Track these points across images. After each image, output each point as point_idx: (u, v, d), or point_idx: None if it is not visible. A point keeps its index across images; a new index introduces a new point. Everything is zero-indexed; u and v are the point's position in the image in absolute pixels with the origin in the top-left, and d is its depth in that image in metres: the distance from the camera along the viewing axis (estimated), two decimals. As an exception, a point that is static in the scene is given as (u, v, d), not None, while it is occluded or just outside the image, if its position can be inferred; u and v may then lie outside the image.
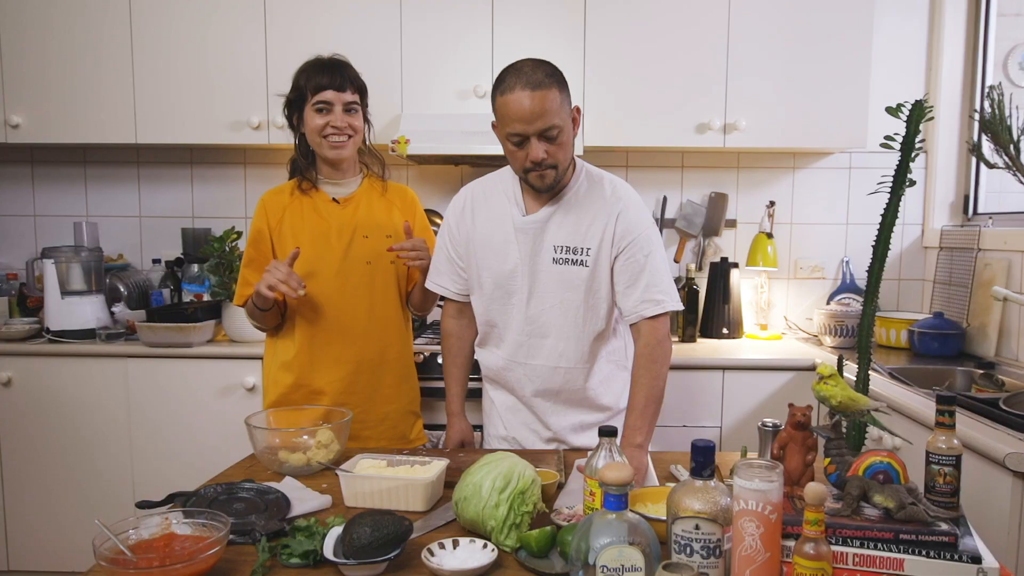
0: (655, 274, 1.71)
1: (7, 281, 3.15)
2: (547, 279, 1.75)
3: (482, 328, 1.88)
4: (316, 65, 1.92)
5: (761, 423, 1.55)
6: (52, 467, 2.73)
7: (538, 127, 1.60)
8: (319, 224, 1.95)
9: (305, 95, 1.89)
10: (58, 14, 2.85)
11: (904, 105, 1.38)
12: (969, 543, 1.05)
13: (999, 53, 3.00)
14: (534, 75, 1.59)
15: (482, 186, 1.89)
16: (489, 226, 1.81)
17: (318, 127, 1.89)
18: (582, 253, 1.73)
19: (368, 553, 1.12)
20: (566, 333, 1.76)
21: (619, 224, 1.71)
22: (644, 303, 1.69)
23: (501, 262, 1.78)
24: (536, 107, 1.58)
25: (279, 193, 2.00)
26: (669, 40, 2.80)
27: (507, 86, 1.61)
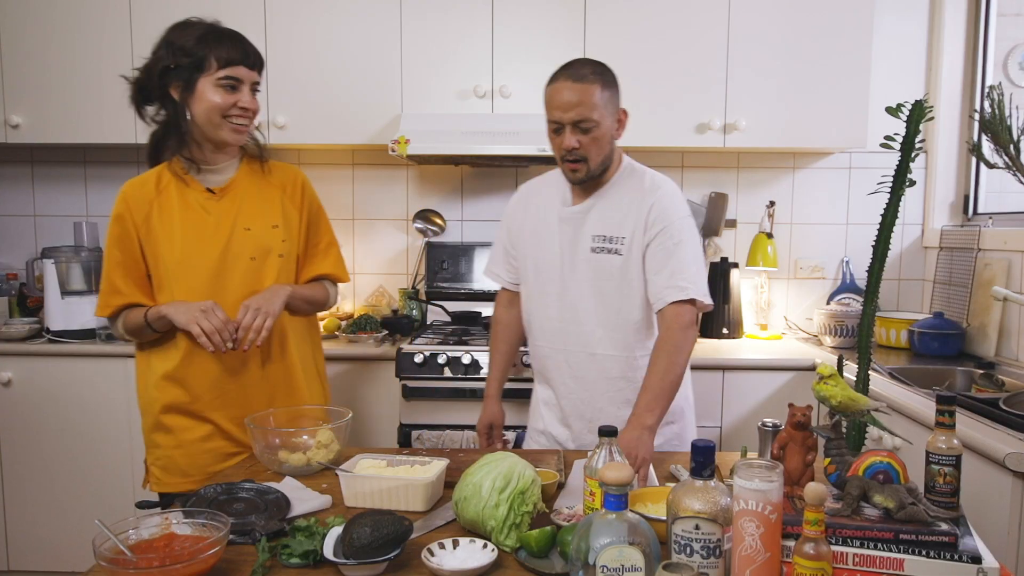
0: (682, 261, 1.73)
1: (7, 281, 3.15)
2: (585, 268, 1.81)
3: (526, 316, 1.95)
4: (220, 33, 1.66)
5: (761, 423, 1.55)
6: (52, 467, 2.73)
7: (572, 116, 1.68)
8: (193, 219, 1.71)
9: (203, 65, 1.63)
10: (58, 14, 2.85)
11: (904, 105, 1.38)
12: (969, 543, 1.05)
13: (999, 53, 3.00)
14: (580, 69, 1.71)
15: (538, 182, 1.99)
16: (537, 218, 1.90)
17: (222, 106, 1.65)
18: (617, 242, 1.78)
19: (368, 553, 1.12)
20: (602, 321, 1.81)
21: (652, 212, 1.76)
22: (669, 288, 1.72)
23: (544, 251, 1.86)
24: (573, 97, 1.67)
25: (142, 184, 1.73)
26: (669, 40, 2.80)
27: (555, 77, 1.73)
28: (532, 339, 1.95)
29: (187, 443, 1.74)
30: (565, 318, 1.84)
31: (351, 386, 2.67)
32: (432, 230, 3.19)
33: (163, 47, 1.66)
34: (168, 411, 1.73)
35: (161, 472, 1.77)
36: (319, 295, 1.86)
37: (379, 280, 3.27)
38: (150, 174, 1.74)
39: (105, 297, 1.72)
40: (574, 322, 1.83)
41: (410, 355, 2.57)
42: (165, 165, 1.74)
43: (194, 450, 1.74)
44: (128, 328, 1.72)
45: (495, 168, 3.19)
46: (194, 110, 1.65)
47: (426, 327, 3.05)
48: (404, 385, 2.57)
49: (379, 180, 3.24)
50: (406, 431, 2.56)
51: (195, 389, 1.72)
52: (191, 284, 1.69)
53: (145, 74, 1.68)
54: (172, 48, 1.63)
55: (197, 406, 1.73)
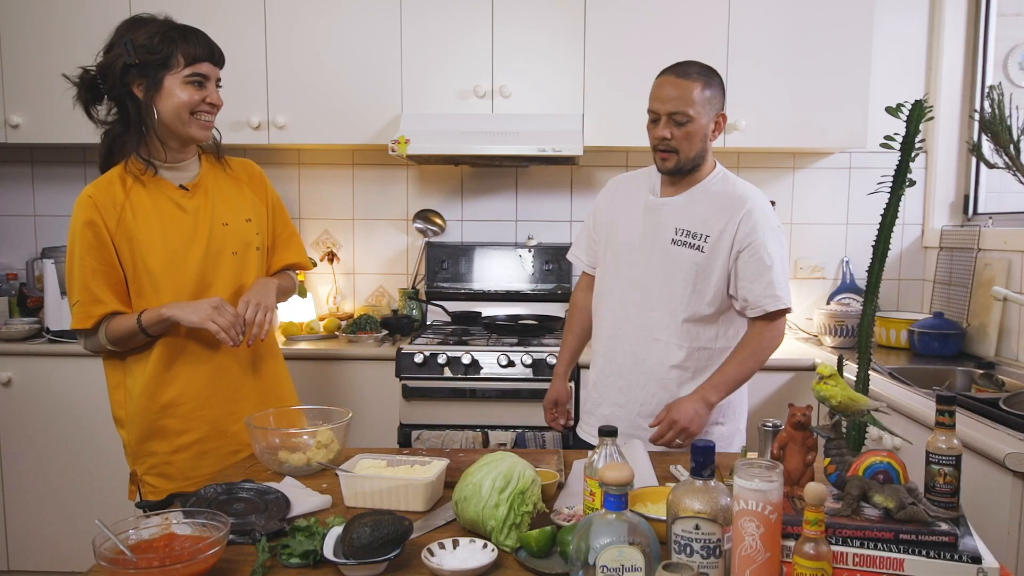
0: (779, 274, 1.82)
1: (7, 281, 3.15)
2: (663, 257, 1.86)
3: (596, 297, 2.01)
4: (183, 30, 1.63)
5: (761, 423, 1.55)
6: (52, 467, 2.73)
7: (668, 108, 1.78)
8: (172, 218, 1.67)
9: (169, 63, 1.59)
10: (58, 14, 2.85)
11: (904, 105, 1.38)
12: (969, 543, 1.05)
13: (999, 53, 3.00)
14: (686, 67, 1.81)
15: (629, 175, 2.07)
16: (623, 206, 1.97)
17: (189, 103, 1.62)
18: (700, 239, 1.83)
19: (368, 553, 1.12)
20: (670, 310, 1.86)
21: (744, 223, 1.81)
22: (767, 298, 1.80)
23: (624, 236, 1.93)
24: (673, 92, 1.78)
25: (108, 185, 1.67)
26: (669, 40, 2.80)
27: (662, 72, 1.84)
28: (598, 320, 2.00)
29: (185, 446, 1.71)
30: (636, 302, 1.89)
31: (351, 386, 2.67)
32: (432, 230, 3.19)
33: (121, 45, 1.60)
34: (163, 415, 1.69)
35: (158, 479, 1.73)
36: (289, 285, 1.90)
37: (379, 280, 3.27)
38: (111, 176, 1.68)
39: (85, 307, 1.63)
40: (644, 307, 1.88)
41: (410, 355, 2.57)
42: (122, 167, 1.68)
43: (193, 452, 1.72)
44: (113, 337, 1.65)
45: (495, 168, 3.19)
46: (160, 108, 1.62)
47: (426, 327, 3.05)
48: (404, 385, 2.57)
49: (379, 180, 3.24)
50: (406, 431, 2.56)
51: (186, 391, 1.69)
52: (178, 284, 1.66)
53: (101, 72, 1.63)
54: (133, 46, 1.58)
55: (190, 407, 1.70)
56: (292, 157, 3.22)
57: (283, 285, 1.85)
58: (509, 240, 3.23)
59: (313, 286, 3.24)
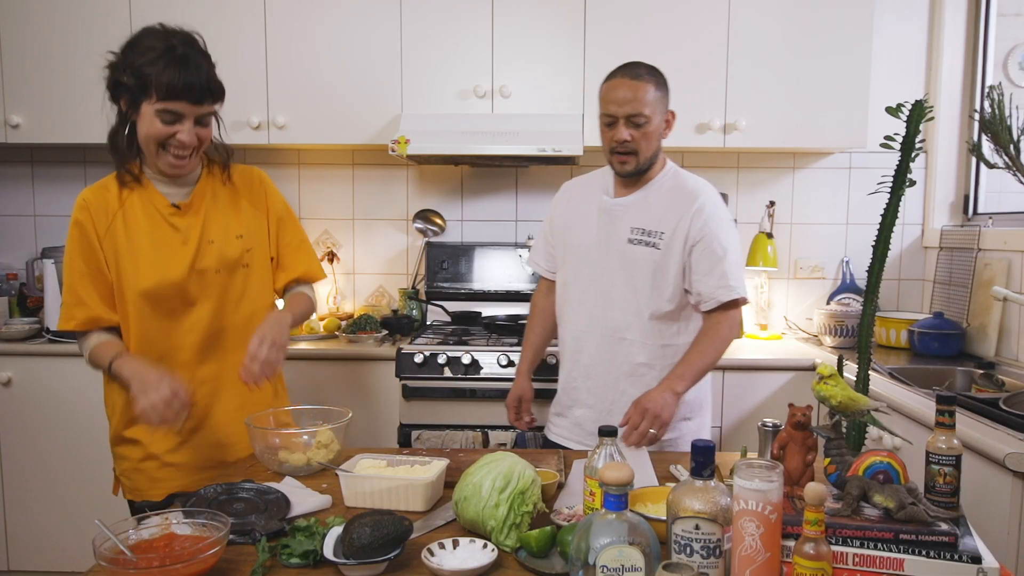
0: (732, 265, 1.86)
1: (7, 281, 3.15)
2: (621, 257, 1.90)
3: (559, 301, 2.04)
4: (170, 60, 1.52)
5: (761, 423, 1.55)
6: (52, 467, 2.73)
7: (627, 111, 1.80)
8: (161, 235, 1.63)
9: (147, 90, 1.52)
10: (58, 14, 2.85)
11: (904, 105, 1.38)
12: (969, 543, 1.05)
13: (999, 53, 3.00)
14: (636, 69, 1.84)
15: (582, 180, 2.09)
16: (578, 210, 2.00)
17: (158, 135, 1.55)
18: (655, 236, 1.87)
19: (368, 553, 1.12)
20: (632, 309, 1.89)
21: (697, 217, 1.85)
22: (720, 289, 1.84)
23: (582, 239, 1.96)
24: (628, 94, 1.80)
25: (104, 192, 1.65)
26: (669, 40, 2.80)
27: (612, 74, 1.87)
28: (563, 323, 2.03)
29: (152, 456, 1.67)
30: (598, 303, 1.92)
31: (351, 386, 2.67)
32: (432, 230, 3.19)
33: (122, 55, 1.56)
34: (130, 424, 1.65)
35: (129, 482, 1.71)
36: (304, 310, 1.80)
37: (379, 280, 3.27)
38: (109, 181, 1.65)
39: (68, 309, 1.63)
40: (606, 307, 1.91)
41: (410, 355, 2.57)
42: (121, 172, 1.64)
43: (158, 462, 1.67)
44: (93, 363, 1.65)
45: (495, 168, 3.19)
46: (138, 130, 1.57)
47: (426, 327, 3.05)
48: (404, 385, 2.57)
49: (379, 180, 3.24)
50: (406, 431, 2.56)
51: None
52: (158, 301, 1.63)
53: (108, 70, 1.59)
54: (125, 62, 1.54)
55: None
56: (292, 157, 3.22)
57: (298, 314, 1.77)
58: (509, 240, 3.23)
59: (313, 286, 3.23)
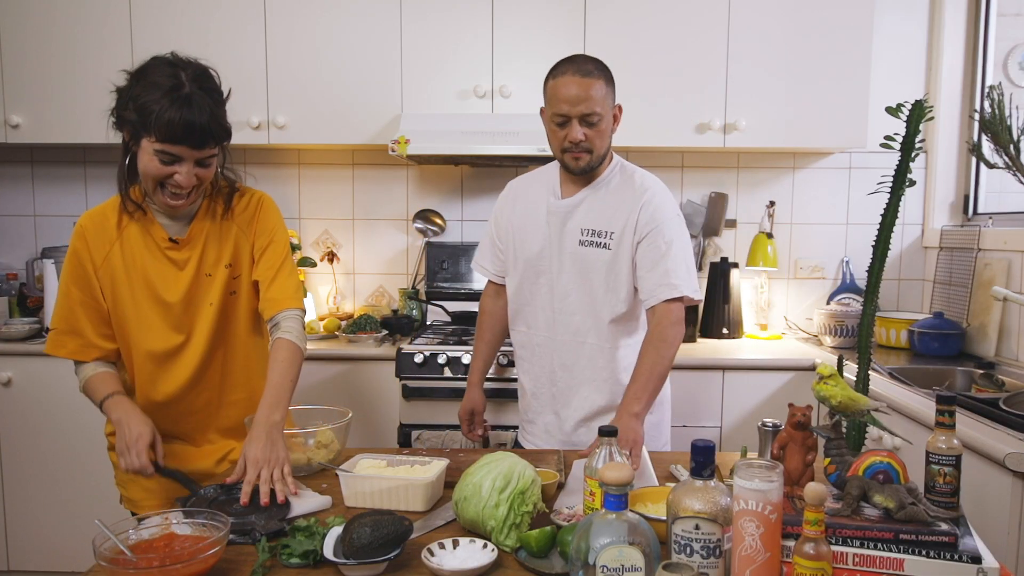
0: (674, 261, 1.80)
1: (7, 281, 3.15)
2: (573, 260, 1.86)
3: (513, 307, 2.00)
4: (174, 100, 1.44)
5: (761, 423, 1.55)
6: (52, 467, 2.73)
7: (580, 110, 1.74)
8: (159, 270, 1.61)
9: (148, 129, 1.44)
10: (58, 14, 2.85)
11: (904, 105, 1.38)
12: (969, 543, 1.05)
13: (999, 53, 3.00)
14: (585, 65, 1.77)
15: (527, 178, 2.03)
16: (525, 212, 1.95)
17: (155, 174, 1.49)
18: (606, 236, 1.83)
19: (368, 553, 1.12)
20: (588, 312, 1.87)
21: (643, 212, 1.81)
22: (661, 287, 1.78)
23: (532, 243, 1.92)
24: (582, 92, 1.74)
25: (103, 220, 1.62)
26: (669, 40, 2.80)
27: (559, 71, 1.79)
28: (518, 329, 2.00)
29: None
30: (556, 308, 1.89)
31: (351, 386, 2.67)
32: (432, 230, 3.19)
33: (129, 84, 1.50)
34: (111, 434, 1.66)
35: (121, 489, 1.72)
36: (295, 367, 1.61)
37: (379, 280, 3.27)
38: (110, 208, 1.62)
39: (59, 336, 1.62)
40: (563, 312, 1.89)
41: (410, 355, 2.57)
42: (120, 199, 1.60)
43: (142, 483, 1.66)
44: (85, 391, 1.64)
45: (495, 168, 3.19)
46: (138, 163, 1.51)
47: (426, 327, 3.05)
48: (404, 385, 2.57)
49: (379, 180, 3.24)
50: (406, 431, 2.56)
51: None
52: (152, 334, 1.62)
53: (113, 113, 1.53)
54: (130, 94, 1.47)
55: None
56: (292, 157, 3.22)
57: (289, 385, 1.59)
58: (509, 240, 3.22)
59: (313, 286, 3.24)
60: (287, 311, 1.64)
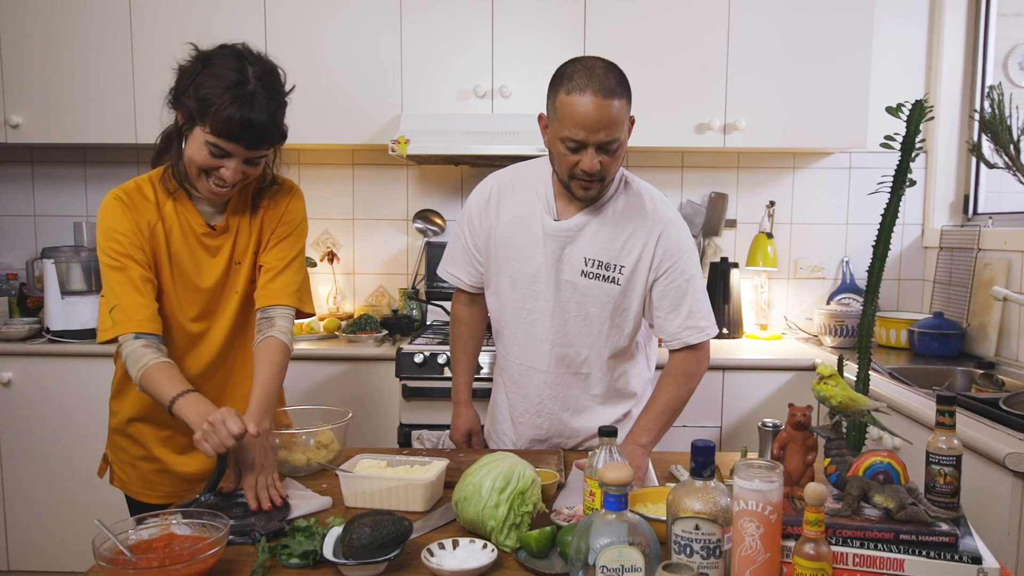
0: (697, 301, 1.68)
1: (7, 281, 3.15)
2: (574, 290, 1.69)
3: (497, 325, 1.84)
4: (236, 96, 1.41)
5: (761, 423, 1.55)
6: (52, 467, 2.73)
7: (600, 138, 1.51)
8: (199, 256, 1.60)
9: (204, 120, 1.42)
10: (58, 14, 2.85)
11: (904, 105, 1.37)
12: (969, 543, 1.05)
13: (999, 53, 3.00)
14: (607, 80, 1.49)
15: (510, 178, 1.79)
16: (514, 224, 1.73)
17: (202, 164, 1.47)
18: (615, 270, 1.66)
19: (368, 553, 1.12)
20: (589, 344, 1.73)
21: (660, 246, 1.66)
22: (687, 330, 1.67)
23: (523, 264, 1.71)
24: (604, 117, 1.49)
25: (139, 194, 1.56)
26: (669, 40, 2.80)
27: (576, 85, 1.49)
28: (505, 353, 1.83)
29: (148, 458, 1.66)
30: (550, 339, 1.73)
31: (351, 386, 2.67)
32: (432, 230, 3.19)
33: (193, 67, 1.47)
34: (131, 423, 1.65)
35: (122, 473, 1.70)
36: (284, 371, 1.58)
37: (379, 280, 3.27)
38: (143, 184, 1.57)
39: (122, 312, 1.48)
40: (560, 344, 1.73)
41: (410, 355, 2.57)
42: (156, 178, 1.57)
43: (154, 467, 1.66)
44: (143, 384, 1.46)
45: (495, 168, 3.17)
46: (185, 147, 1.49)
47: (426, 327, 3.05)
48: (404, 385, 2.57)
49: (379, 180, 3.24)
50: (406, 431, 2.56)
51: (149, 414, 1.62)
52: (181, 319, 1.59)
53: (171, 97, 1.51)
54: (192, 80, 1.44)
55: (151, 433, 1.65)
56: (292, 157, 3.22)
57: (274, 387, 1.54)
58: (509, 240, 3.22)
59: (313, 286, 3.22)
60: (283, 307, 1.61)
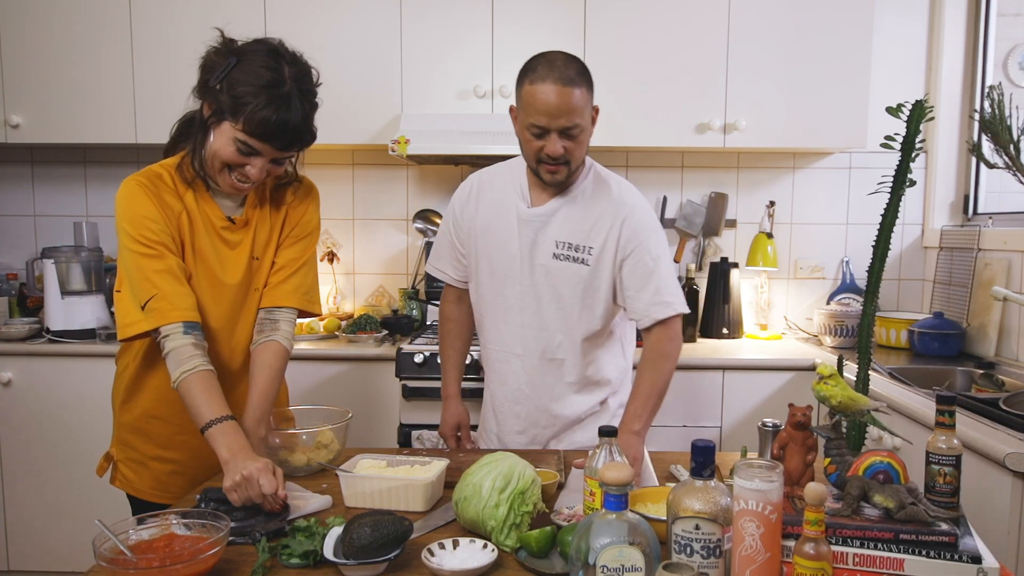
0: (664, 278, 1.73)
1: (7, 281, 3.15)
2: (547, 273, 1.76)
3: (479, 318, 1.90)
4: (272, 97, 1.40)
5: (761, 423, 1.55)
6: (52, 467, 2.73)
7: (562, 124, 1.60)
8: (219, 250, 1.55)
9: (237, 117, 1.40)
10: (58, 14, 2.85)
11: (904, 105, 1.38)
12: (969, 543, 1.05)
13: (999, 53, 3.00)
14: (567, 70, 1.59)
15: (489, 175, 1.89)
16: (492, 215, 1.82)
17: (227, 159, 1.44)
18: (584, 251, 1.74)
19: (368, 553, 1.12)
20: (562, 328, 1.78)
21: (625, 228, 1.72)
22: (655, 306, 1.71)
23: (500, 251, 1.79)
24: (564, 103, 1.58)
25: (159, 180, 1.50)
26: (669, 40, 2.80)
27: (538, 76, 1.60)
28: (485, 342, 1.89)
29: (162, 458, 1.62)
30: (525, 323, 1.79)
31: (351, 386, 2.67)
32: (432, 230, 3.19)
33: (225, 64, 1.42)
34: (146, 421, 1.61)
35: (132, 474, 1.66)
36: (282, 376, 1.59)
37: (379, 280, 3.27)
38: (162, 172, 1.51)
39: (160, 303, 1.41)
40: (535, 327, 1.78)
41: (410, 355, 2.57)
42: (174, 168, 1.52)
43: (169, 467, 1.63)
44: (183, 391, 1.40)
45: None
46: (209, 140, 1.46)
47: (426, 327, 3.05)
48: (404, 385, 2.57)
49: (379, 180, 3.24)
50: (406, 431, 2.56)
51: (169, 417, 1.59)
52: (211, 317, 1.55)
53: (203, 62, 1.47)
54: (225, 74, 1.41)
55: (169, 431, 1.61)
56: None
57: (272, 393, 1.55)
58: (509, 240, 3.22)
59: (313, 286, 3.24)
60: (289, 310, 1.62)
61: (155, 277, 1.43)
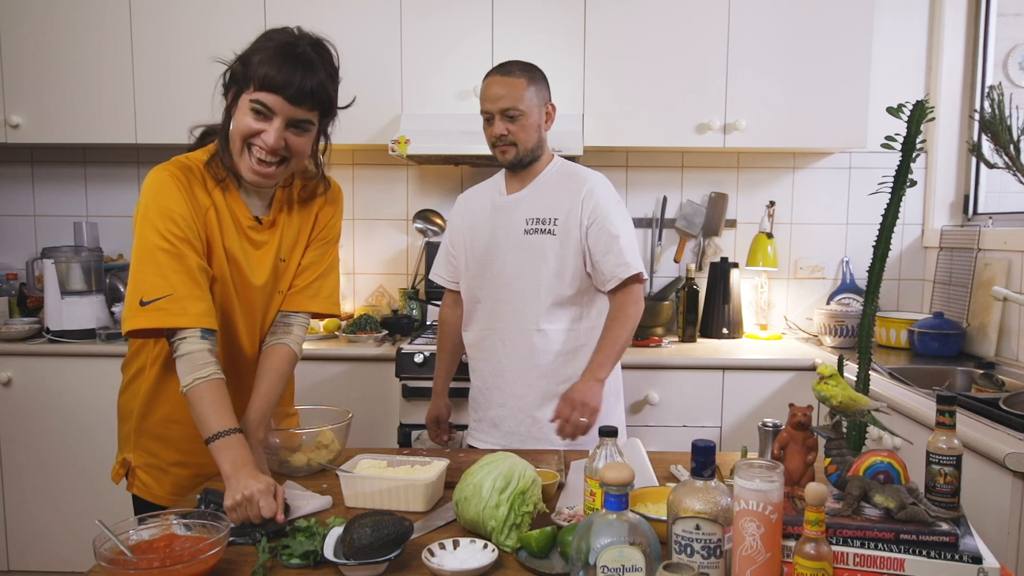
0: (627, 245, 1.92)
1: (7, 281, 3.15)
2: (519, 248, 1.96)
3: (466, 308, 2.09)
4: (282, 53, 1.39)
5: (761, 423, 1.55)
6: (52, 467, 2.73)
7: (500, 106, 1.90)
8: (246, 250, 1.52)
9: (248, 80, 1.38)
10: (58, 14, 2.85)
11: (905, 105, 1.38)
12: (969, 543, 1.05)
13: (999, 53, 3.00)
14: (508, 66, 1.94)
15: (476, 189, 2.16)
16: (473, 213, 2.07)
17: (244, 130, 1.40)
18: (550, 223, 1.94)
19: (368, 553, 1.12)
20: (534, 297, 1.95)
21: (586, 201, 1.93)
22: (619, 267, 1.91)
23: (479, 238, 2.02)
24: (500, 90, 1.90)
25: (189, 173, 1.45)
26: (669, 40, 2.80)
27: (486, 75, 1.96)
28: (470, 326, 2.07)
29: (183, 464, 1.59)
30: (504, 298, 1.98)
31: (351, 386, 2.67)
32: (432, 230, 3.19)
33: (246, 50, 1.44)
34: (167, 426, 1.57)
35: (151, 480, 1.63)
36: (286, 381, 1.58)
37: (379, 280, 3.27)
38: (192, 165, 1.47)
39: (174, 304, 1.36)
40: (512, 301, 1.97)
41: (410, 355, 2.57)
42: (203, 164, 1.48)
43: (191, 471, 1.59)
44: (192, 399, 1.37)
45: (495, 168, 3.17)
46: (232, 125, 1.43)
47: (426, 327, 3.05)
48: (404, 385, 2.57)
49: (379, 180, 3.24)
50: (406, 431, 2.56)
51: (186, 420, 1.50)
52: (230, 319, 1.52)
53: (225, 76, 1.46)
54: (245, 54, 1.41)
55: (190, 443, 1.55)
56: (292, 157, 3.22)
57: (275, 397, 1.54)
58: (509, 240, 3.22)
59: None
60: (304, 315, 1.63)
61: (173, 277, 1.38)
